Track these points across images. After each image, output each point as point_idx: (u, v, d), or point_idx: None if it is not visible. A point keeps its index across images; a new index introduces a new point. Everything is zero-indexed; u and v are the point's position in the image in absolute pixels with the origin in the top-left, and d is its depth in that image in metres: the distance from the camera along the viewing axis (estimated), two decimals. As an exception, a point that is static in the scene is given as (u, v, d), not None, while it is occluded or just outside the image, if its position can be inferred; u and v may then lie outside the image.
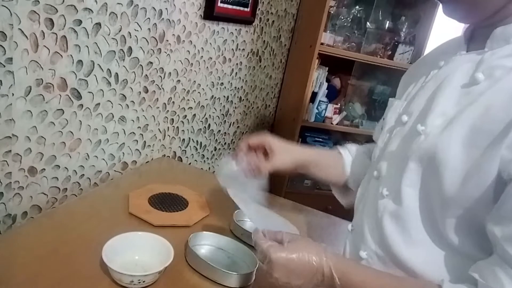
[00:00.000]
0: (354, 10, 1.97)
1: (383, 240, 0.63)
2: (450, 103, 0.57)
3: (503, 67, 0.53)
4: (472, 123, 0.53)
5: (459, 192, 0.52)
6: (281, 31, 1.95)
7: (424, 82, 0.66)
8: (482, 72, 0.55)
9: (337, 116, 2.08)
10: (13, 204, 0.94)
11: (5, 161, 0.89)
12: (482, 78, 0.55)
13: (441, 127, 0.57)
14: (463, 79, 0.58)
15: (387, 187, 0.64)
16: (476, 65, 0.57)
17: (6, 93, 0.84)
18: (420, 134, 0.59)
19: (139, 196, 1.03)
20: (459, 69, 0.59)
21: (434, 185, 0.56)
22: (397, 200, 0.61)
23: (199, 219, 0.99)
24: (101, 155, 1.16)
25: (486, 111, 0.52)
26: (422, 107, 0.63)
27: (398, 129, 0.66)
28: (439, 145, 0.55)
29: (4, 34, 0.80)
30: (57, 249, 0.79)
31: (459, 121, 0.54)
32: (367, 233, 0.67)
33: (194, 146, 1.61)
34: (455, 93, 0.58)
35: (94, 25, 0.99)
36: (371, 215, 0.67)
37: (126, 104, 1.18)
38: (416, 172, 0.59)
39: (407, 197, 0.60)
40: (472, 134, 0.52)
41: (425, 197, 0.58)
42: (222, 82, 1.63)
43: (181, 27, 1.29)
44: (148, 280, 0.72)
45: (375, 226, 0.65)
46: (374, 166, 0.71)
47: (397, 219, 0.61)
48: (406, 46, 2.02)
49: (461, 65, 0.60)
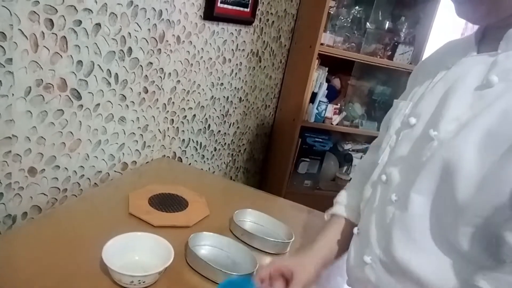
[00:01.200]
0: (354, 10, 1.97)
1: (388, 246, 0.62)
2: (463, 107, 0.56)
3: None
4: (488, 128, 0.51)
5: (474, 199, 0.51)
6: (281, 31, 1.95)
7: (432, 83, 0.64)
8: (497, 75, 0.53)
9: (337, 116, 2.08)
10: (13, 205, 0.94)
11: (5, 161, 0.89)
12: (497, 81, 0.53)
13: (454, 132, 0.55)
14: (476, 81, 0.56)
15: (396, 192, 0.63)
16: (489, 67, 0.55)
17: (6, 94, 0.84)
18: (433, 139, 0.58)
19: (139, 196, 1.03)
20: (471, 71, 0.58)
21: (448, 192, 0.54)
22: (406, 207, 0.60)
23: (199, 220, 0.99)
24: (101, 155, 1.16)
25: (504, 115, 0.50)
26: (433, 110, 0.61)
27: (406, 131, 0.65)
28: (453, 151, 0.54)
29: (4, 35, 0.80)
30: (57, 249, 0.79)
31: (474, 126, 0.53)
32: (373, 238, 0.66)
33: (194, 147, 1.61)
34: (468, 96, 0.56)
35: (94, 25, 0.99)
36: (378, 221, 0.66)
37: (126, 105, 1.18)
38: (429, 179, 0.57)
39: (417, 204, 0.58)
40: (488, 139, 0.51)
41: (437, 205, 0.57)
42: (222, 82, 1.63)
43: (181, 28, 1.30)
44: (149, 281, 0.72)
45: (382, 231, 0.64)
46: (382, 170, 0.69)
47: (405, 225, 0.60)
48: (406, 46, 2.02)
49: (473, 67, 0.58)
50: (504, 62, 0.54)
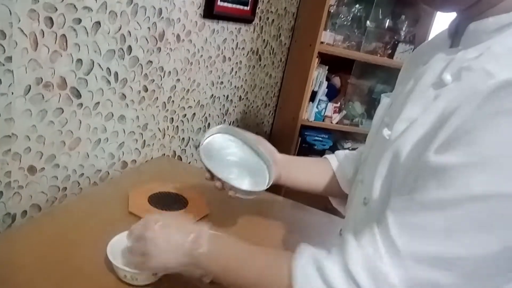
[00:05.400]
0: (354, 9, 1.97)
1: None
2: (417, 106, 0.54)
3: (469, 70, 0.48)
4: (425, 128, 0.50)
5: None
6: (281, 30, 1.95)
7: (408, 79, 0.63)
8: (451, 74, 0.51)
9: (337, 115, 2.08)
10: (13, 203, 0.94)
11: (5, 160, 0.89)
12: (450, 80, 0.50)
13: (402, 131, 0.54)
14: (432, 80, 0.54)
15: (365, 194, 0.62)
16: (446, 64, 0.53)
17: (5, 92, 0.84)
18: (387, 139, 0.57)
19: (139, 195, 1.03)
20: (431, 68, 0.55)
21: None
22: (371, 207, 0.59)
23: (199, 218, 0.99)
24: (100, 154, 1.15)
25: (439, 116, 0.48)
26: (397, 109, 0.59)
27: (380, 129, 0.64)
28: (395, 152, 0.53)
29: (4, 33, 0.80)
30: (57, 248, 0.79)
31: (417, 125, 0.51)
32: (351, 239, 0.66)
33: (194, 145, 1.61)
34: (423, 95, 0.54)
35: (94, 23, 0.99)
36: (353, 221, 0.66)
37: (126, 103, 1.18)
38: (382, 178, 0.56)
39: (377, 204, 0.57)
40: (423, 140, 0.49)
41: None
42: (222, 81, 1.63)
43: (180, 26, 1.29)
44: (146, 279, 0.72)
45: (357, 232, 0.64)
46: (360, 169, 0.69)
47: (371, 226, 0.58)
48: (406, 45, 2.02)
49: (434, 64, 0.55)
50: (460, 60, 0.51)
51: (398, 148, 0.53)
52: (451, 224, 0.43)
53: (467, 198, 0.42)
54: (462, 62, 0.50)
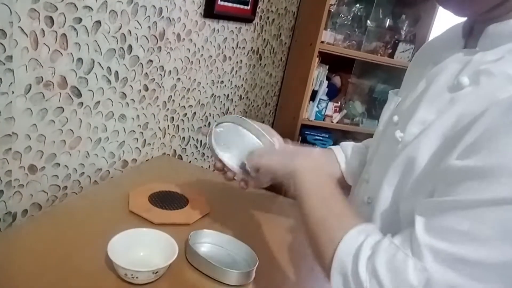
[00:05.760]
0: (354, 8, 1.97)
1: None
2: (431, 109, 0.53)
3: (488, 74, 0.47)
4: (443, 132, 0.49)
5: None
6: (281, 29, 1.95)
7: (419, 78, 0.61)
8: (468, 76, 0.49)
9: (337, 114, 2.08)
10: (13, 202, 0.94)
11: (5, 159, 0.89)
12: (467, 83, 0.49)
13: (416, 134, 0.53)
14: (448, 82, 0.52)
15: (370, 193, 0.61)
16: (463, 66, 0.51)
17: (6, 91, 0.84)
18: (399, 141, 0.56)
19: (139, 194, 1.03)
20: (447, 69, 0.54)
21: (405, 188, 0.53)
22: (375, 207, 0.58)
23: (199, 217, 0.99)
24: (101, 153, 1.16)
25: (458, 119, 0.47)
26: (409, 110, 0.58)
27: (389, 129, 0.63)
28: (410, 156, 0.52)
29: (4, 32, 0.80)
30: (57, 247, 0.79)
31: (433, 130, 0.50)
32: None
33: (194, 144, 1.61)
34: (438, 98, 0.53)
35: (94, 23, 0.99)
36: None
37: (126, 102, 1.18)
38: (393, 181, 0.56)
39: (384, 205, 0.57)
40: (443, 145, 0.48)
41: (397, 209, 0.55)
42: (222, 80, 1.63)
43: (181, 25, 1.29)
44: (146, 277, 0.72)
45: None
46: (366, 168, 0.68)
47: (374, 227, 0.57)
48: (407, 44, 2.02)
49: (450, 65, 0.54)
50: (478, 63, 0.49)
51: (413, 152, 0.52)
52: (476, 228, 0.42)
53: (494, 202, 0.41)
54: (480, 64, 0.49)
